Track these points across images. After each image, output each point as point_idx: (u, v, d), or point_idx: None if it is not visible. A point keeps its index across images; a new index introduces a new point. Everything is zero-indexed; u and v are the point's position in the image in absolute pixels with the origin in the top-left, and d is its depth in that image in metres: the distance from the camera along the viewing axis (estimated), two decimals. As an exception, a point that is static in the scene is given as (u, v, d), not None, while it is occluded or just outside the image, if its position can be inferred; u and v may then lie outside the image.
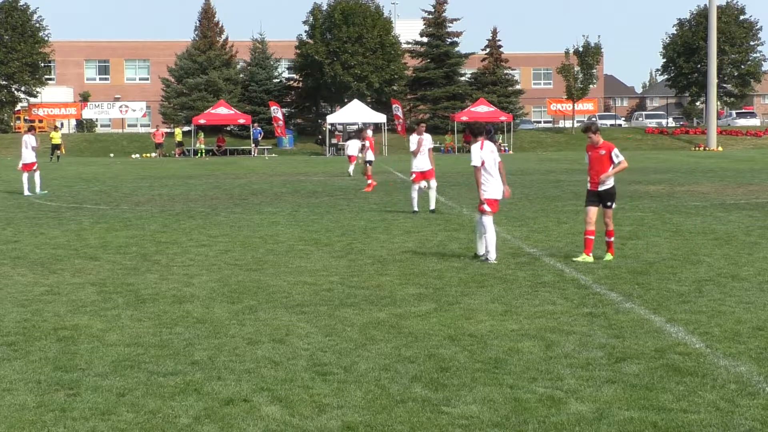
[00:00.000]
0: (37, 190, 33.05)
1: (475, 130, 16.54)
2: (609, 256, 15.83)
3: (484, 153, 15.97)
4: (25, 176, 33.34)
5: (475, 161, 15.94)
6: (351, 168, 43.16)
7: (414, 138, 24.67)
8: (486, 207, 15.82)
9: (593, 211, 15.82)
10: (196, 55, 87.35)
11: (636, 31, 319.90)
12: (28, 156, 33.40)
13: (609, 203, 15.87)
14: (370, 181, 33.97)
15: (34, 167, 33.47)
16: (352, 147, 44.61)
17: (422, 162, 24.50)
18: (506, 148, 79.48)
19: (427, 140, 24.64)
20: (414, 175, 24.67)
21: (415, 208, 24.28)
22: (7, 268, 15.75)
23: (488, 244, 15.75)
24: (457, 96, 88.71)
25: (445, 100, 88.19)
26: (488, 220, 15.76)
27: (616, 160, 15.74)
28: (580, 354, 9.54)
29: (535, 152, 78.44)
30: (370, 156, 35.06)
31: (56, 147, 67.42)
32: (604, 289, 13.12)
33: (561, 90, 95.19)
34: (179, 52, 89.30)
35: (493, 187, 15.99)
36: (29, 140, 33.57)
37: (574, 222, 21.62)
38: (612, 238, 16.00)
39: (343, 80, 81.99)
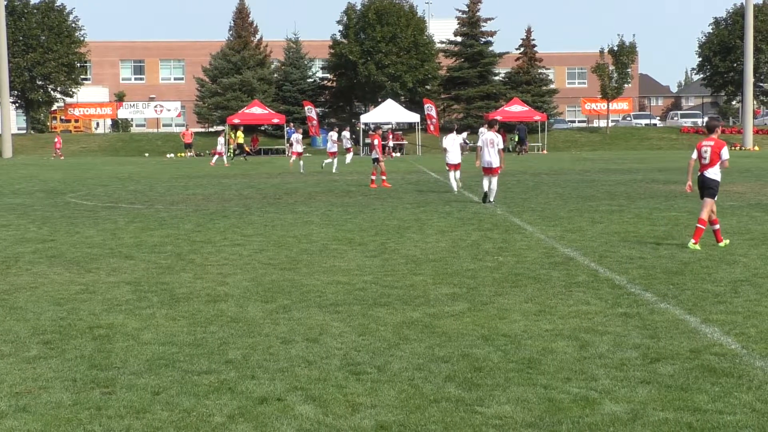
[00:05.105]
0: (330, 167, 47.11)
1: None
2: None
3: (446, 141, 31.62)
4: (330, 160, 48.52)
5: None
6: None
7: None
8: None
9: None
10: (231, 54, 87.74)
11: (671, 30, 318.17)
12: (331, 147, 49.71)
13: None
14: (374, 178, 35.73)
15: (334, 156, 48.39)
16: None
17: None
18: (531, 139, 79.24)
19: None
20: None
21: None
22: (44, 266, 15.86)
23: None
24: (491, 95, 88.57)
25: (479, 99, 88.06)
26: (449, 174, 31.42)
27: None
28: (614, 354, 9.49)
29: (569, 152, 78.16)
30: (375, 155, 36.31)
31: (241, 146, 69.57)
32: (638, 289, 13.03)
33: (595, 89, 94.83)
34: (214, 52, 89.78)
35: (448, 157, 31.23)
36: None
37: (608, 222, 21.54)
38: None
39: (376, 80, 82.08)
